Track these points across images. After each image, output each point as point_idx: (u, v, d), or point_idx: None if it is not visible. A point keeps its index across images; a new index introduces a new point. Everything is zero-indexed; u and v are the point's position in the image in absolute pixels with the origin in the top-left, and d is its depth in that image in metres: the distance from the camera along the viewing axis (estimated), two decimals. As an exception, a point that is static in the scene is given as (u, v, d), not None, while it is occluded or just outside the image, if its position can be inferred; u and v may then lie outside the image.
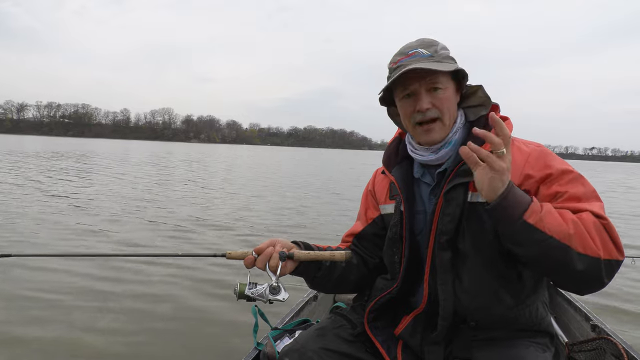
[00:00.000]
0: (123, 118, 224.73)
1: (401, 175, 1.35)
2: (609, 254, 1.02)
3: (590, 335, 2.01)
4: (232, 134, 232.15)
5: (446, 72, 1.22)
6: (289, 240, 1.31)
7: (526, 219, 1.00)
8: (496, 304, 1.19)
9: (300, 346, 1.28)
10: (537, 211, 1.01)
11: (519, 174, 1.16)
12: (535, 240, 1.01)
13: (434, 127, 1.23)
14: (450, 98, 1.25)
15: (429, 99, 1.22)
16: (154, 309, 3.64)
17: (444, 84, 1.22)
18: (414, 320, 1.31)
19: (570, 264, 1.00)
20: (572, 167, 1.18)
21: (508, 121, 1.29)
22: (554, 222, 1.01)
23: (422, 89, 1.21)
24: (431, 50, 1.23)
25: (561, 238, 1.00)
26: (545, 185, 1.14)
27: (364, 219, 1.49)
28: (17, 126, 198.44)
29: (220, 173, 19.66)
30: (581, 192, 1.11)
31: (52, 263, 4.63)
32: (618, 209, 11.96)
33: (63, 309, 3.54)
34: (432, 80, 1.21)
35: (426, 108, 1.21)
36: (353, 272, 1.41)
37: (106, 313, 3.50)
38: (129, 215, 7.82)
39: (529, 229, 1.00)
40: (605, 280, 1.04)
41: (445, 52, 1.26)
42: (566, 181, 1.13)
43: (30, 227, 6.40)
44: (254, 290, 1.20)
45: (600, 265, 1.01)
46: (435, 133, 1.24)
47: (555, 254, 1.01)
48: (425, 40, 1.27)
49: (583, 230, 1.01)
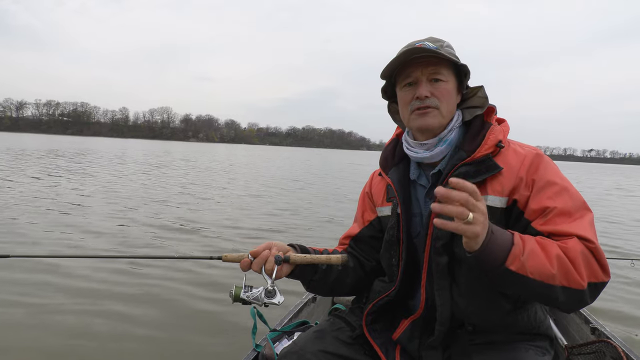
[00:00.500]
0: (122, 117, 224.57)
1: (398, 177, 1.35)
2: (595, 277, 1.03)
3: (589, 338, 2.00)
4: (230, 134, 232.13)
5: (449, 66, 1.24)
6: (285, 243, 1.30)
7: (508, 266, 0.99)
8: (494, 308, 1.19)
9: (299, 348, 1.27)
10: (519, 255, 1.00)
11: (514, 177, 1.16)
12: (518, 284, 1.02)
13: (430, 112, 1.23)
14: (450, 92, 1.25)
15: (429, 87, 1.23)
16: (149, 311, 3.62)
17: (446, 77, 1.24)
18: (411, 325, 1.30)
19: (554, 298, 1.03)
20: (561, 176, 1.18)
21: (505, 123, 1.29)
22: (537, 264, 1.00)
23: (423, 77, 1.23)
24: (437, 45, 1.24)
25: (544, 279, 1.00)
26: (533, 198, 1.14)
27: (360, 222, 1.49)
28: (15, 124, 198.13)
29: (218, 174, 19.62)
30: (570, 205, 1.11)
31: (45, 264, 4.59)
32: (616, 212, 11.99)
33: (54, 312, 3.50)
34: (434, 70, 1.22)
35: (425, 95, 1.22)
36: (349, 275, 1.41)
37: (100, 316, 3.47)
38: (123, 216, 7.79)
39: (511, 275, 1.00)
40: (589, 302, 1.07)
41: (450, 50, 1.27)
42: (554, 193, 1.13)
43: (23, 227, 6.38)
44: (249, 294, 1.19)
45: (584, 293, 1.03)
46: (430, 117, 1.24)
47: (540, 292, 1.02)
48: (433, 37, 1.29)
49: (568, 266, 1.01)
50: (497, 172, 1.17)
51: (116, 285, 4.19)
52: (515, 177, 1.16)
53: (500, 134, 1.22)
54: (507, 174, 1.17)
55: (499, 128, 1.25)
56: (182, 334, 3.22)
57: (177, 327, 3.35)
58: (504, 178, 1.17)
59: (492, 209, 1.15)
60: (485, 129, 1.24)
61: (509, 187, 1.16)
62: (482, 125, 1.26)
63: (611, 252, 5.74)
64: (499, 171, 1.17)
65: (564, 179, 1.18)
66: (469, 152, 1.20)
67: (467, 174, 1.17)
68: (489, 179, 1.17)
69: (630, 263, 3.34)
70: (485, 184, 1.17)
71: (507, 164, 1.18)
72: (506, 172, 1.17)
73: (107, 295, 3.91)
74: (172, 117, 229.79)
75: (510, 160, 1.19)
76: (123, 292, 4.02)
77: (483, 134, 1.23)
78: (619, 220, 10.31)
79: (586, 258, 1.03)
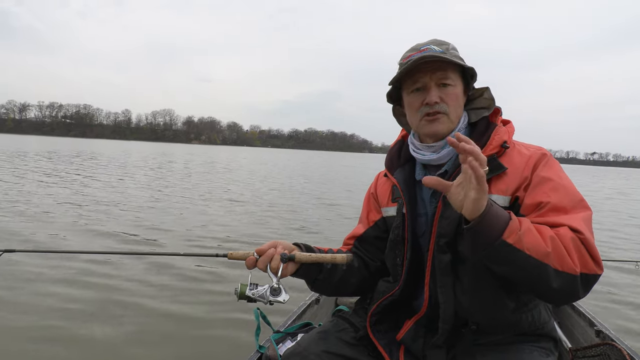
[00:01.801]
0: (124, 119, 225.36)
1: (403, 177, 1.36)
2: (587, 268, 1.02)
3: (594, 341, 1.99)
4: (232, 136, 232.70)
5: (456, 70, 1.24)
6: (290, 242, 1.31)
7: (505, 239, 0.98)
8: (497, 306, 1.18)
9: (303, 349, 1.27)
10: (516, 229, 0.99)
11: (518, 177, 1.17)
12: (513, 260, 0.99)
13: (439, 117, 1.24)
14: (459, 96, 1.26)
15: (438, 93, 1.23)
16: (153, 309, 3.63)
17: (454, 81, 1.24)
18: (415, 324, 1.30)
19: (546, 282, 1.00)
20: (560, 174, 1.18)
21: (510, 124, 1.30)
22: (533, 240, 0.99)
23: (432, 82, 1.23)
24: (443, 48, 1.24)
25: (539, 257, 0.98)
26: (529, 194, 1.14)
27: (365, 222, 1.49)
28: (19, 126, 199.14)
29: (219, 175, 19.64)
30: (565, 202, 1.10)
31: (50, 260, 4.62)
32: (619, 215, 11.95)
33: (57, 309, 3.52)
34: (443, 75, 1.22)
35: (435, 101, 1.22)
36: (354, 275, 1.41)
37: (103, 313, 3.48)
38: (128, 214, 7.83)
39: (507, 248, 0.98)
40: (581, 295, 1.04)
41: (455, 52, 1.27)
42: (549, 189, 1.13)
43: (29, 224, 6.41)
44: (254, 291, 1.19)
45: (576, 281, 1.01)
46: (440, 124, 1.24)
47: (533, 272, 1.00)
48: (437, 39, 1.29)
49: (561, 247, 1.00)
50: (502, 172, 1.18)
51: (119, 281, 4.21)
52: (519, 177, 1.17)
53: (505, 135, 1.23)
54: (511, 174, 1.18)
55: (504, 129, 1.26)
56: (185, 333, 3.22)
57: (181, 325, 3.36)
58: (509, 178, 1.18)
59: None
60: (491, 130, 1.25)
61: (513, 187, 1.16)
62: (488, 126, 1.27)
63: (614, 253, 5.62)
64: (504, 171, 1.18)
65: (563, 177, 1.18)
66: None
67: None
68: (494, 179, 1.18)
69: (635, 265, 3.34)
70: (490, 183, 1.17)
71: (512, 164, 1.19)
72: (510, 172, 1.18)
73: (109, 292, 3.92)
74: (175, 119, 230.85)
75: (514, 161, 1.19)
76: (126, 288, 4.04)
77: (488, 134, 1.24)
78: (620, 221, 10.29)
79: (577, 245, 1.02)
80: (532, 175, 1.16)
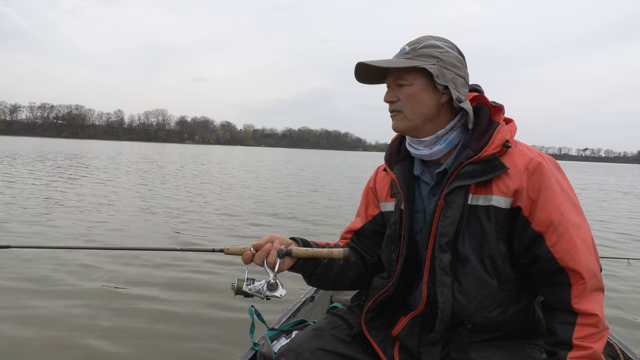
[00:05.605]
0: (117, 119, 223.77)
1: (402, 173, 1.35)
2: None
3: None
4: (226, 135, 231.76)
5: (415, 70, 1.21)
6: (287, 237, 1.31)
7: None
8: (494, 306, 1.19)
9: (297, 346, 1.28)
10: None
11: (519, 178, 1.16)
12: None
13: (396, 115, 1.28)
14: (416, 94, 1.23)
15: (395, 92, 1.26)
16: (147, 305, 3.61)
17: (409, 81, 1.23)
18: (411, 321, 1.31)
19: None
20: (563, 184, 1.19)
21: (512, 123, 1.28)
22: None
23: (390, 82, 1.27)
24: (413, 46, 1.24)
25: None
26: (540, 208, 1.15)
27: (363, 216, 1.49)
28: (9, 127, 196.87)
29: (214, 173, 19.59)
30: (574, 216, 1.15)
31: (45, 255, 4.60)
32: (614, 211, 12.06)
33: (51, 308, 3.49)
34: (398, 76, 1.25)
35: (388, 100, 1.28)
36: (351, 270, 1.41)
37: (98, 310, 3.45)
38: (126, 209, 7.81)
39: None
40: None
41: (429, 50, 1.22)
42: (561, 201, 1.15)
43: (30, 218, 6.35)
44: (251, 287, 1.19)
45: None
46: (397, 121, 1.28)
47: None
48: (420, 38, 1.27)
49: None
50: (503, 171, 1.16)
51: (115, 277, 4.19)
52: (519, 179, 1.16)
53: (507, 134, 1.21)
54: (512, 174, 1.16)
55: (506, 128, 1.23)
56: (179, 330, 3.21)
57: (176, 322, 3.34)
58: (510, 178, 1.16)
59: (497, 209, 1.16)
60: (493, 128, 1.22)
61: (514, 187, 1.15)
62: (490, 124, 1.23)
63: (607, 251, 5.77)
64: (505, 171, 1.16)
65: (564, 188, 1.18)
66: (476, 150, 1.19)
67: (472, 172, 1.17)
68: (495, 179, 1.17)
69: (627, 262, 3.39)
70: (491, 183, 1.17)
71: (514, 164, 1.17)
72: (512, 172, 1.16)
73: (103, 288, 3.90)
74: (168, 119, 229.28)
75: (516, 161, 1.18)
76: (121, 284, 4.02)
77: (490, 133, 1.21)
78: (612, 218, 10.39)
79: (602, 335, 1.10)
80: (535, 188, 1.15)
